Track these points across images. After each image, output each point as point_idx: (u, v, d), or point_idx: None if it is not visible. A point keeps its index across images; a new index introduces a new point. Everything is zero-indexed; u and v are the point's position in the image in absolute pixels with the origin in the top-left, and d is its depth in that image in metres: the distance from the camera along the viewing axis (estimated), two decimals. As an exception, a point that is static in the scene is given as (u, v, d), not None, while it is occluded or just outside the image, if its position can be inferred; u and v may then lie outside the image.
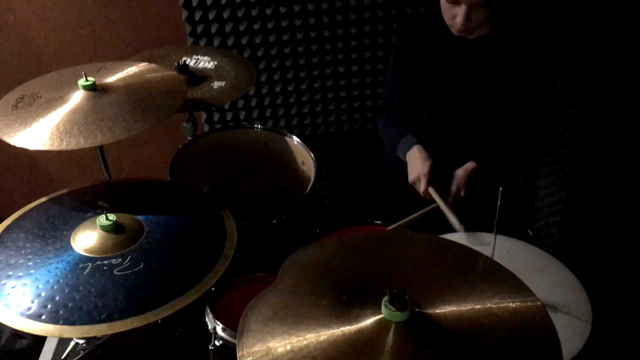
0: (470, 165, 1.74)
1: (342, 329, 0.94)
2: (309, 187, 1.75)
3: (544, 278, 1.31)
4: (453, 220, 1.57)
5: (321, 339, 0.93)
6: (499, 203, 1.24)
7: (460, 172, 1.74)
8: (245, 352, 0.93)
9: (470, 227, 1.56)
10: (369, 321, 0.94)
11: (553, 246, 2.31)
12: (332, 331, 0.94)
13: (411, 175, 1.76)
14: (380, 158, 2.08)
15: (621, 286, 1.78)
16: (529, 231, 2.46)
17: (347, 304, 0.98)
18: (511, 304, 0.98)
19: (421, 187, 1.71)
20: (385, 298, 0.93)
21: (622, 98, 1.90)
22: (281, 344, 0.93)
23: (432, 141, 1.82)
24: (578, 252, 2.11)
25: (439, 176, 1.73)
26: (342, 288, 1.01)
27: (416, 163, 1.75)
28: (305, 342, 0.92)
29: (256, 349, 0.93)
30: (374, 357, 0.89)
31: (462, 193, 1.71)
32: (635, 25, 1.78)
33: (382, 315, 0.94)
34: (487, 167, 1.75)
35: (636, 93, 1.82)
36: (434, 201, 1.68)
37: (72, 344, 1.69)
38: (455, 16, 1.65)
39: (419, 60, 1.82)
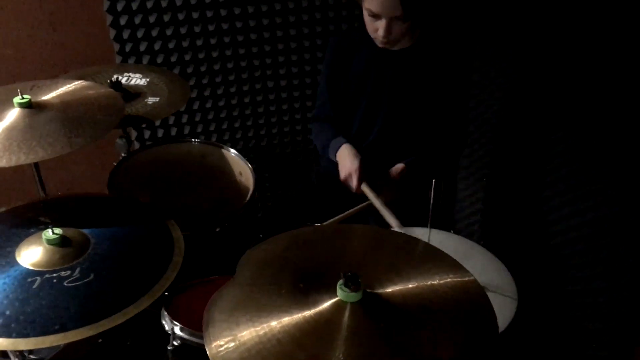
0: (399, 165, 1.87)
1: (302, 313, 1.02)
2: (249, 195, 1.82)
3: (474, 263, 1.44)
4: (388, 216, 1.67)
5: (284, 324, 1.00)
6: (432, 194, 1.36)
7: (391, 172, 1.87)
8: (213, 342, 0.98)
9: (404, 223, 1.68)
10: (326, 304, 1.03)
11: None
12: (293, 316, 1.01)
13: (342, 173, 1.85)
14: (316, 167, 2.18)
15: (541, 269, 1.96)
16: (451, 231, 2.63)
17: (304, 291, 1.06)
18: (449, 280, 1.10)
19: (353, 183, 1.81)
20: (340, 281, 1.02)
21: (529, 104, 2.11)
22: (247, 331, 0.99)
23: (363, 146, 1.94)
24: (499, 243, 2.29)
25: (372, 177, 1.84)
26: (298, 277, 1.09)
27: (346, 161, 1.84)
28: (269, 328, 0.99)
29: (223, 337, 0.99)
30: (333, 335, 0.98)
31: (395, 191, 1.83)
32: (542, 35, 1.98)
33: (338, 298, 1.02)
34: (416, 168, 1.88)
35: (541, 99, 2.02)
36: (367, 199, 1.78)
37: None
38: (377, 29, 1.77)
39: (348, 72, 1.94)
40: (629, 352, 1.70)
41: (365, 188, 1.79)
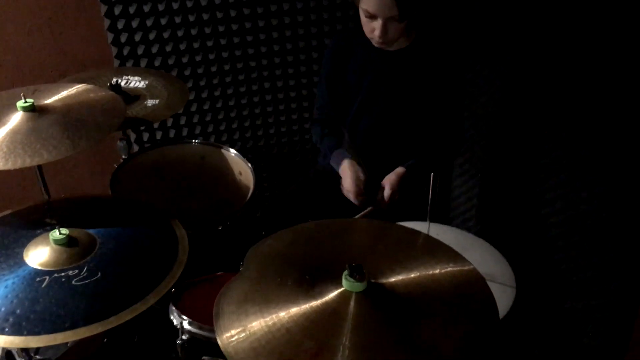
0: (400, 169, 1.89)
1: (309, 303, 1.05)
2: (249, 194, 1.85)
3: (472, 254, 1.46)
4: None
5: (292, 314, 1.03)
6: (430, 188, 1.39)
7: (391, 177, 1.88)
8: (224, 333, 1.01)
9: (402, 217, 1.71)
10: (332, 294, 1.06)
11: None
12: (300, 306, 1.05)
13: (344, 189, 1.90)
14: (314, 163, 2.22)
15: (538, 259, 2.00)
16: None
17: (310, 282, 1.10)
18: (450, 270, 1.13)
19: (353, 200, 1.87)
20: (346, 272, 1.05)
21: (523, 100, 2.15)
22: (256, 322, 1.03)
23: (357, 140, 1.98)
24: (495, 237, 2.33)
25: (369, 179, 1.88)
26: (304, 270, 1.13)
27: (347, 179, 1.88)
28: (277, 318, 1.03)
29: (234, 328, 1.02)
30: (340, 323, 1.02)
31: (396, 196, 1.86)
32: (536, 36, 2.02)
33: (343, 288, 1.06)
34: (415, 170, 1.91)
35: (535, 96, 2.06)
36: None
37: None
38: (373, 30, 1.80)
39: (345, 72, 1.97)
40: (624, 341, 1.73)
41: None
